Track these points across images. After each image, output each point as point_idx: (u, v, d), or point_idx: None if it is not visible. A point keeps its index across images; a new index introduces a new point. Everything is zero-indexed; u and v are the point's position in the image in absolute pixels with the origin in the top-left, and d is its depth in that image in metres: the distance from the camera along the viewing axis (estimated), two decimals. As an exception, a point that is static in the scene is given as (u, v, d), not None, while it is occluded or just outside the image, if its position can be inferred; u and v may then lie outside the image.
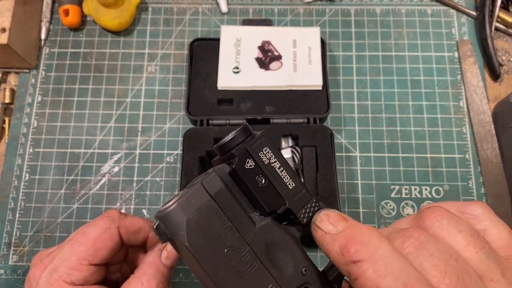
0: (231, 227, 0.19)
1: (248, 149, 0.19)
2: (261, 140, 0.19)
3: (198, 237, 0.18)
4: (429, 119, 0.56)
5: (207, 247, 0.18)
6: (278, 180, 0.19)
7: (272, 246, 0.19)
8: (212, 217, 0.18)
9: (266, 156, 0.19)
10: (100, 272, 0.33)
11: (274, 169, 0.19)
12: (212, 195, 0.19)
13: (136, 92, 0.57)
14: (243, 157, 0.19)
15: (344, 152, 0.54)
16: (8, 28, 0.52)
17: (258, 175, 0.19)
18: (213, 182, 0.19)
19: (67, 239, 0.34)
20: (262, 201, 0.19)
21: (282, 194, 0.19)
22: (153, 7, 0.61)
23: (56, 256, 0.32)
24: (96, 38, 0.60)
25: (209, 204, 0.18)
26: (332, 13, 0.61)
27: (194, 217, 0.18)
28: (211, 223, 0.18)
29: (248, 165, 0.19)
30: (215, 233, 0.18)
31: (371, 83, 0.57)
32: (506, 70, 0.58)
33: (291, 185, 0.19)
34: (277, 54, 0.55)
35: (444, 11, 0.61)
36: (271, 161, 0.19)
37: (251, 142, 0.19)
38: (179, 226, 0.18)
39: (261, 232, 0.19)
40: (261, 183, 0.19)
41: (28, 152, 0.55)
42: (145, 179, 0.54)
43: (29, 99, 0.57)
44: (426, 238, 0.17)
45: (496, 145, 0.54)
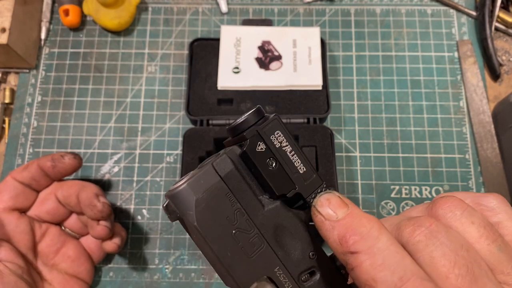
0: (240, 209, 0.19)
1: (259, 131, 0.19)
2: (273, 123, 0.19)
3: (206, 217, 0.18)
4: (429, 119, 0.56)
5: (216, 228, 0.18)
6: (289, 164, 0.19)
7: (280, 229, 0.19)
8: (221, 198, 0.18)
9: (278, 140, 0.19)
10: (10, 217, 0.40)
11: (285, 153, 0.19)
12: (222, 177, 0.19)
13: (136, 92, 0.57)
14: (254, 139, 0.19)
15: (344, 152, 0.54)
16: (8, 28, 0.52)
17: (269, 158, 0.19)
18: (224, 163, 0.19)
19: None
20: (272, 184, 0.19)
21: (292, 178, 0.19)
22: (153, 7, 0.61)
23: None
24: (96, 38, 0.60)
25: (218, 185, 0.18)
26: (332, 13, 0.61)
27: (203, 197, 0.18)
28: (220, 204, 0.18)
29: (259, 148, 0.19)
30: (224, 214, 0.18)
31: (371, 83, 0.57)
32: (506, 70, 0.58)
33: (302, 169, 0.19)
34: (277, 54, 0.55)
35: (444, 11, 0.61)
36: (282, 145, 0.19)
37: (263, 125, 0.19)
38: (189, 205, 0.18)
39: (270, 215, 0.19)
40: (271, 167, 0.19)
41: (28, 152, 0.55)
42: (145, 179, 0.54)
43: (29, 99, 0.57)
44: (437, 227, 0.17)
45: (496, 145, 0.54)
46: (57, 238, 0.43)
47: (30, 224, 0.41)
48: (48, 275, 0.41)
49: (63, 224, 0.45)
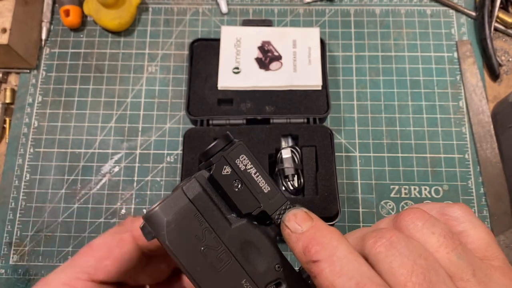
0: (207, 228, 0.21)
1: (225, 156, 0.21)
2: (238, 148, 0.21)
3: (177, 236, 0.20)
4: (428, 119, 0.56)
5: (185, 245, 0.20)
6: (254, 184, 0.21)
7: (246, 245, 0.21)
8: (190, 219, 0.20)
9: (243, 163, 0.21)
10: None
11: (250, 174, 0.21)
12: (191, 199, 0.21)
13: (136, 92, 0.58)
14: (220, 164, 0.21)
15: (344, 152, 0.55)
16: (8, 29, 0.52)
17: (234, 180, 0.21)
18: (192, 187, 0.21)
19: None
20: (238, 204, 0.21)
21: (257, 197, 0.21)
22: (154, 7, 0.61)
23: (55, 270, 0.25)
24: (96, 38, 0.60)
25: (187, 207, 0.20)
26: (331, 14, 0.61)
27: (173, 218, 0.20)
28: (189, 224, 0.20)
29: (225, 171, 0.21)
30: (193, 233, 0.20)
31: (371, 83, 0.58)
32: (506, 70, 0.59)
33: (266, 189, 0.21)
34: (277, 54, 0.55)
35: (443, 11, 0.61)
36: (247, 168, 0.21)
37: (229, 150, 0.21)
38: (161, 226, 0.20)
39: (237, 232, 0.21)
40: (237, 188, 0.21)
41: (28, 152, 0.55)
42: (145, 179, 0.54)
43: (29, 99, 0.57)
44: (398, 238, 0.18)
45: (496, 145, 0.54)
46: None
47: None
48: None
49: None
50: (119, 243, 0.24)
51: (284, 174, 0.49)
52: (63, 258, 0.51)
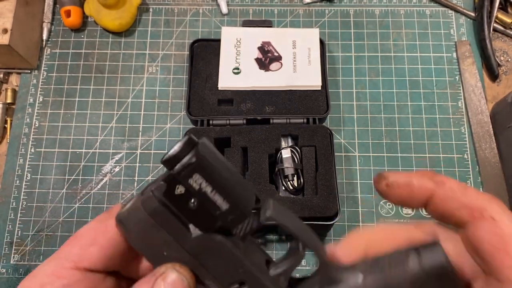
0: (167, 237, 0.21)
1: (176, 177, 0.19)
2: (191, 167, 0.19)
3: (139, 241, 0.21)
4: (427, 119, 0.56)
5: (149, 249, 0.21)
6: (210, 203, 0.20)
7: (209, 251, 0.21)
8: (150, 229, 0.20)
9: (197, 182, 0.19)
10: (92, 283, 0.23)
11: (205, 193, 0.20)
12: (148, 213, 0.20)
13: (137, 92, 0.58)
14: (172, 184, 0.20)
15: (344, 152, 0.55)
16: (9, 29, 0.53)
17: (189, 198, 0.20)
18: (149, 201, 0.20)
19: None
20: (194, 223, 0.20)
21: (214, 215, 0.20)
22: (154, 8, 0.62)
23: (42, 262, 0.24)
24: (97, 39, 0.60)
25: (146, 219, 0.20)
26: (331, 14, 0.61)
27: (134, 229, 0.21)
28: (149, 233, 0.21)
29: (178, 191, 0.20)
30: (154, 240, 0.21)
31: (370, 83, 0.58)
32: (504, 70, 0.59)
33: (225, 206, 0.20)
34: (277, 54, 0.55)
35: (442, 12, 0.61)
36: (201, 186, 0.19)
37: (179, 168, 0.19)
38: (125, 229, 0.21)
39: (198, 241, 0.21)
40: (193, 205, 0.20)
41: (29, 152, 0.55)
42: (146, 178, 0.54)
43: (30, 99, 0.57)
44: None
45: (495, 145, 0.54)
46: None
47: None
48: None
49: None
50: (104, 230, 0.23)
51: (284, 174, 0.49)
52: (64, 258, 0.51)
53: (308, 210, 0.46)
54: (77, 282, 0.22)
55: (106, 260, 0.23)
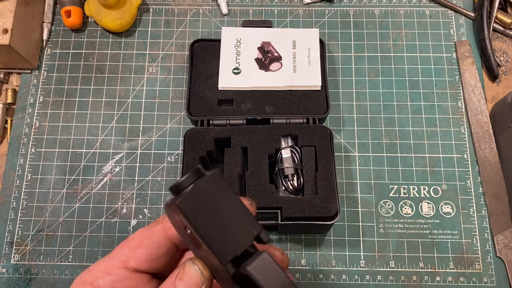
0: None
1: (166, 208, 0.22)
2: (172, 208, 0.21)
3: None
4: (427, 119, 0.56)
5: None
6: (196, 239, 0.22)
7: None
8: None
9: (181, 220, 0.21)
10: (137, 282, 0.26)
11: (190, 231, 0.21)
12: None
13: (137, 92, 0.58)
14: (169, 211, 0.23)
15: (343, 152, 0.55)
16: (10, 29, 0.53)
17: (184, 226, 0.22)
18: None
19: None
20: (189, 246, 0.24)
21: (199, 250, 0.22)
22: (154, 8, 0.62)
23: (98, 260, 0.28)
24: (97, 39, 0.60)
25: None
26: (331, 14, 0.61)
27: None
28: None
29: (175, 218, 0.22)
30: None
31: (370, 83, 0.58)
32: (504, 70, 0.59)
33: (205, 246, 0.21)
34: (277, 55, 0.56)
35: (442, 12, 0.61)
36: (185, 224, 0.21)
37: (168, 202, 0.22)
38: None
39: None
40: (188, 233, 0.22)
41: (30, 152, 0.55)
42: (146, 178, 0.54)
43: (31, 100, 0.57)
44: None
45: (494, 145, 0.54)
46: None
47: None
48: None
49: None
50: (150, 234, 0.26)
51: (284, 174, 0.49)
52: (64, 258, 0.51)
53: (308, 210, 0.46)
54: (124, 279, 0.25)
55: (152, 261, 0.26)
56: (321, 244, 0.51)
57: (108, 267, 0.25)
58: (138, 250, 0.26)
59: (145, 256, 0.25)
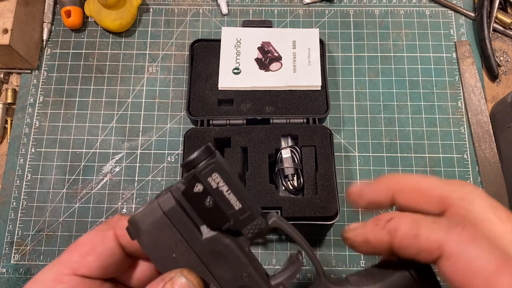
0: (180, 238, 0.22)
1: (197, 175, 0.22)
2: (211, 167, 0.22)
3: (151, 243, 0.22)
4: (427, 119, 0.56)
5: (158, 251, 0.22)
6: (225, 202, 0.22)
7: (216, 254, 0.22)
8: (164, 229, 0.22)
9: (215, 181, 0.22)
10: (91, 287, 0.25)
11: (222, 192, 0.22)
12: (165, 212, 0.22)
13: (137, 92, 0.58)
14: (192, 182, 0.22)
15: (343, 152, 0.55)
16: (10, 29, 0.53)
17: (206, 197, 0.22)
18: (167, 200, 0.22)
19: None
20: (207, 221, 0.22)
21: (227, 214, 0.22)
22: (154, 8, 0.62)
23: (44, 268, 0.26)
24: (97, 39, 0.60)
25: (161, 219, 0.22)
26: (331, 14, 0.61)
27: (148, 229, 0.22)
28: (162, 234, 0.22)
29: (196, 189, 0.22)
30: (165, 241, 0.22)
31: (370, 83, 0.58)
32: (504, 70, 0.59)
33: (237, 206, 0.22)
34: (277, 55, 0.56)
35: (442, 12, 0.61)
36: (219, 185, 0.22)
37: (201, 168, 0.22)
38: (138, 233, 0.22)
39: (207, 243, 0.22)
40: (208, 204, 0.22)
41: (30, 152, 0.55)
42: (146, 178, 0.54)
43: (31, 100, 0.57)
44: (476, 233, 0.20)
45: (494, 145, 0.54)
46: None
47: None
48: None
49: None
50: (102, 240, 0.25)
51: (284, 174, 0.49)
52: (64, 257, 0.51)
53: (308, 210, 0.46)
54: (77, 286, 0.24)
55: (103, 268, 0.25)
56: (321, 244, 0.51)
57: (57, 276, 0.24)
58: (89, 258, 0.24)
59: (96, 264, 0.24)
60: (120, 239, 0.25)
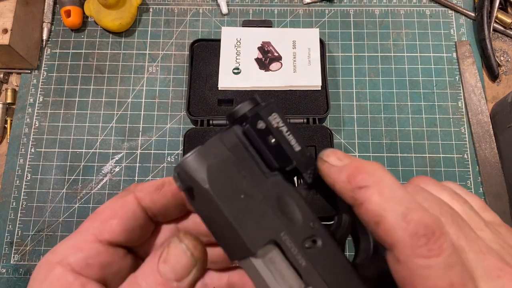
0: (246, 177, 0.20)
1: (259, 112, 0.20)
2: (270, 106, 0.21)
3: (218, 181, 0.19)
4: (427, 119, 0.56)
5: (226, 191, 0.19)
6: (286, 142, 0.21)
7: (282, 199, 0.20)
8: (230, 166, 0.20)
9: (275, 121, 0.21)
10: (112, 257, 0.23)
11: (282, 132, 0.21)
12: (229, 148, 0.20)
13: (137, 92, 0.58)
14: (254, 119, 0.21)
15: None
16: (10, 29, 0.53)
17: (268, 135, 0.21)
18: (229, 136, 0.21)
19: None
20: (273, 158, 0.21)
21: (289, 154, 0.21)
22: (154, 8, 0.62)
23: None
24: (97, 39, 0.60)
25: (226, 154, 0.20)
26: (331, 14, 0.61)
27: (213, 163, 0.19)
28: (228, 171, 0.20)
29: (259, 126, 0.21)
30: (233, 180, 0.20)
31: (370, 83, 0.58)
32: (504, 70, 0.59)
33: (297, 147, 0.21)
34: (277, 55, 0.55)
35: (442, 12, 0.61)
36: (279, 125, 0.21)
37: (262, 106, 0.21)
38: (201, 171, 0.19)
39: (272, 186, 0.20)
40: (271, 143, 0.21)
41: (29, 152, 0.55)
42: (146, 179, 0.54)
43: (30, 99, 0.57)
44: (420, 187, 0.19)
45: (494, 145, 0.54)
46: None
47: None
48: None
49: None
50: (123, 204, 0.24)
51: (284, 174, 0.49)
52: (64, 258, 0.51)
53: (308, 210, 0.46)
54: (98, 254, 0.22)
55: (127, 232, 0.23)
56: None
57: (78, 243, 0.22)
58: (112, 221, 0.23)
59: (120, 227, 0.23)
60: (142, 201, 0.24)
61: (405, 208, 0.17)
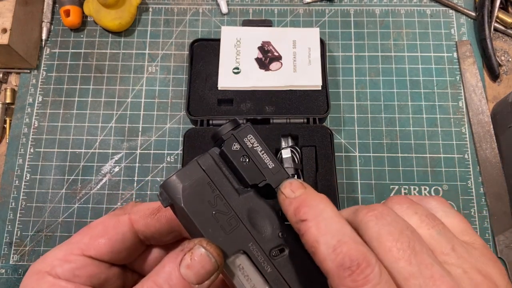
0: (219, 195, 0.23)
1: (235, 135, 0.24)
2: (245, 129, 0.24)
3: (191, 200, 0.22)
4: (428, 119, 0.56)
5: (198, 208, 0.22)
6: (260, 160, 0.24)
7: (253, 213, 0.23)
8: (203, 186, 0.23)
9: (250, 142, 0.24)
10: (99, 269, 0.24)
11: (257, 152, 0.24)
12: (204, 169, 0.23)
13: (136, 92, 0.58)
14: (230, 141, 0.24)
15: (344, 152, 0.55)
16: (9, 29, 0.52)
17: (242, 155, 0.24)
18: (206, 159, 0.24)
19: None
20: (246, 176, 0.24)
21: (262, 172, 0.24)
22: (154, 7, 0.62)
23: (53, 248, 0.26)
24: (96, 38, 0.60)
25: (201, 175, 0.23)
26: (331, 14, 0.61)
27: (188, 184, 0.23)
28: (202, 191, 0.23)
29: (234, 147, 0.24)
30: (205, 198, 0.23)
31: (371, 83, 0.58)
32: (505, 70, 0.59)
33: (270, 165, 0.24)
34: (277, 54, 0.55)
35: (443, 11, 0.61)
36: (254, 146, 0.24)
37: (238, 130, 0.24)
38: (177, 191, 0.22)
39: (244, 201, 0.23)
40: (245, 162, 0.24)
41: (29, 152, 0.55)
42: (145, 179, 0.54)
43: (30, 99, 0.57)
44: (388, 212, 0.20)
45: (495, 145, 0.54)
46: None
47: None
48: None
49: None
50: (115, 224, 0.25)
51: (284, 174, 0.49)
52: (64, 258, 0.51)
53: (308, 210, 0.46)
54: (84, 266, 0.24)
55: (113, 253, 0.25)
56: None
57: (66, 255, 0.24)
58: (100, 240, 0.24)
59: (107, 248, 0.24)
60: (135, 224, 0.25)
61: (337, 241, 0.18)
